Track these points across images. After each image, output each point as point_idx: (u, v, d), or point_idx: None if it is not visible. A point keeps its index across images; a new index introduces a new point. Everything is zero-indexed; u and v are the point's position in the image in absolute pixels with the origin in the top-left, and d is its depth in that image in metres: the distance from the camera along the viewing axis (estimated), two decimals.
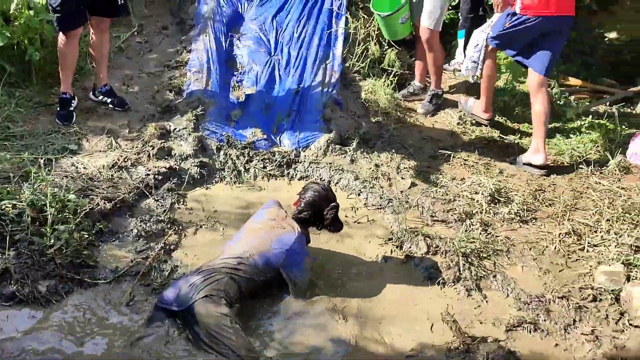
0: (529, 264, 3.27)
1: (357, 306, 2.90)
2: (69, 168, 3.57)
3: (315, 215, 3.02)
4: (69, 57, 3.91)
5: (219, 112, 4.26)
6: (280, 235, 2.86)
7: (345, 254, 3.27)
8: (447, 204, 3.74)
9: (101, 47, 4.11)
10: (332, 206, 3.03)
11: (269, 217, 2.98)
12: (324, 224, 3.06)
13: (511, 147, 4.49)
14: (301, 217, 3.00)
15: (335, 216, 3.04)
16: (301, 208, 3.01)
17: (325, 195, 3.04)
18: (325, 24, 4.99)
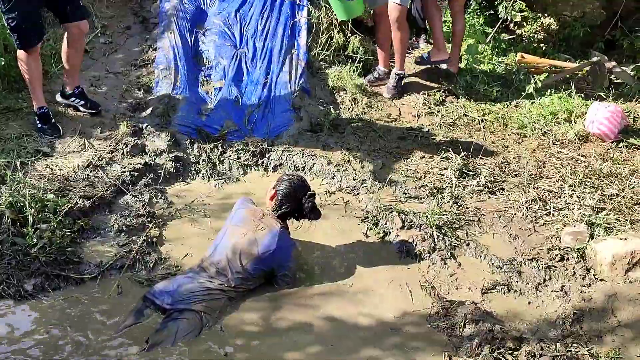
0: (499, 231, 3.43)
1: (339, 284, 3.02)
2: (44, 170, 3.58)
3: (294, 206, 3.03)
4: (35, 70, 3.81)
5: (189, 107, 4.31)
6: (262, 238, 2.87)
7: (324, 236, 3.37)
8: (418, 181, 3.88)
9: (77, 55, 3.98)
10: (309, 195, 3.04)
11: (246, 220, 2.95)
12: (303, 213, 3.07)
13: (476, 123, 4.66)
14: (281, 211, 3.00)
15: (313, 205, 3.05)
16: (279, 202, 3.01)
17: (300, 185, 3.06)
18: (288, 15, 5.07)
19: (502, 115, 4.75)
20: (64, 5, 3.72)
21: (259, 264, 2.83)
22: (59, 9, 3.78)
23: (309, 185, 3.13)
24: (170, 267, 3.05)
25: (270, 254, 2.83)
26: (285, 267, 2.90)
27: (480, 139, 4.46)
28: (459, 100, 4.96)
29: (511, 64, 5.60)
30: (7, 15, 3.52)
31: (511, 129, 4.61)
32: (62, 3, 3.71)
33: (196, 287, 2.73)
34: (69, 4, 3.74)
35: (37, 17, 3.70)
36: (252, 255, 2.82)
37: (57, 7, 3.77)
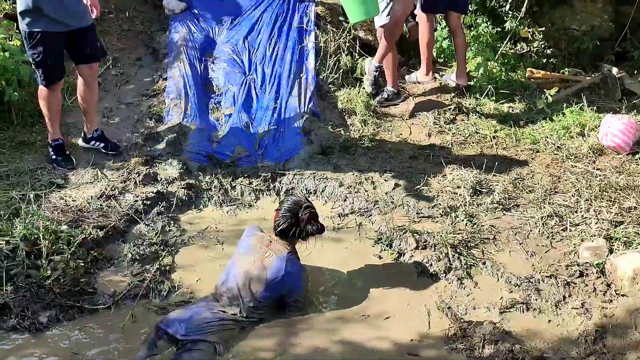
0: (516, 249, 3.38)
1: (354, 307, 2.97)
2: (58, 202, 3.60)
3: (292, 222, 2.93)
4: (55, 106, 3.87)
5: (200, 135, 4.34)
6: (271, 264, 2.83)
7: (337, 259, 3.34)
8: (431, 200, 3.85)
9: (92, 94, 4.01)
10: (304, 206, 2.95)
11: (254, 248, 2.92)
12: (304, 229, 2.94)
13: (488, 140, 4.62)
14: (281, 228, 2.93)
15: (310, 216, 2.94)
16: (278, 219, 2.96)
17: (297, 200, 3.00)
18: (296, 40, 5.12)
19: (514, 132, 4.72)
20: (84, 47, 3.79)
21: (269, 290, 2.80)
22: (78, 50, 3.82)
23: (308, 201, 3.06)
24: (184, 294, 3.04)
25: (279, 280, 2.80)
26: (295, 293, 2.87)
27: (493, 155, 4.42)
28: (469, 118, 4.94)
29: (521, 79, 5.58)
30: (32, 50, 3.60)
31: (524, 144, 4.57)
32: (82, 45, 3.77)
33: (210, 317, 2.70)
34: (89, 47, 3.81)
35: (60, 55, 3.76)
36: (262, 282, 2.79)
37: (77, 48, 3.80)
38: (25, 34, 3.58)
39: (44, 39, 3.57)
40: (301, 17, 5.28)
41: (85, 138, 4.17)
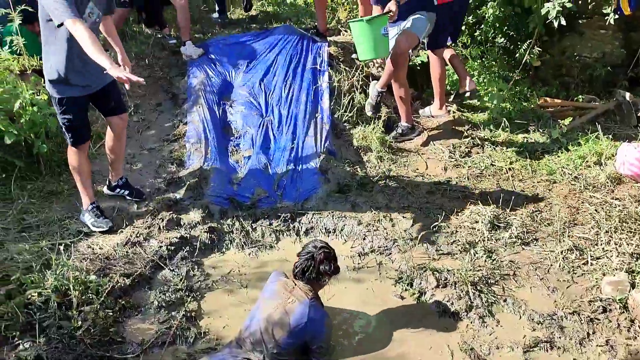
0: (537, 284, 3.39)
1: (377, 350, 3.00)
2: (85, 250, 3.71)
3: (309, 264, 2.99)
4: (85, 169, 3.91)
5: (221, 178, 4.45)
6: (294, 310, 2.85)
7: (359, 301, 3.38)
8: (450, 236, 3.88)
9: (120, 145, 4.10)
10: (319, 247, 3.01)
11: (278, 293, 2.95)
12: (318, 268, 2.97)
13: (503, 172, 4.66)
14: (298, 270, 3.00)
15: (324, 256, 2.98)
16: (297, 263, 3.03)
17: (314, 244, 3.07)
18: (310, 80, 5.25)
19: (529, 163, 4.75)
20: (108, 101, 3.90)
21: (292, 337, 2.83)
22: (104, 105, 3.93)
23: (325, 244, 3.08)
24: (211, 341, 3.10)
25: (303, 326, 2.82)
26: (318, 339, 2.89)
27: (510, 188, 4.46)
28: (484, 150, 4.99)
29: (534, 109, 5.63)
30: (63, 115, 3.70)
31: (540, 175, 4.60)
32: (106, 100, 3.88)
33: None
34: (113, 100, 3.93)
35: (86, 115, 3.87)
36: (285, 329, 2.83)
37: (101, 103, 3.91)
38: (55, 101, 3.68)
39: (74, 104, 3.69)
40: (315, 58, 5.43)
41: (110, 186, 4.28)
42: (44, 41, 3.56)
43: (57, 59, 3.55)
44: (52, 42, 3.52)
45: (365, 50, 4.42)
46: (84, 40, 3.21)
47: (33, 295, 3.12)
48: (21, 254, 3.59)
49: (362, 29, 4.32)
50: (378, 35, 4.31)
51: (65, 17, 3.21)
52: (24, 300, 3.09)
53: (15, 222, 3.97)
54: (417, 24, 4.52)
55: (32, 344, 2.90)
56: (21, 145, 4.37)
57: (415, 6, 4.55)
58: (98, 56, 3.20)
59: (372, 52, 4.41)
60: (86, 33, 3.21)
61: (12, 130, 4.17)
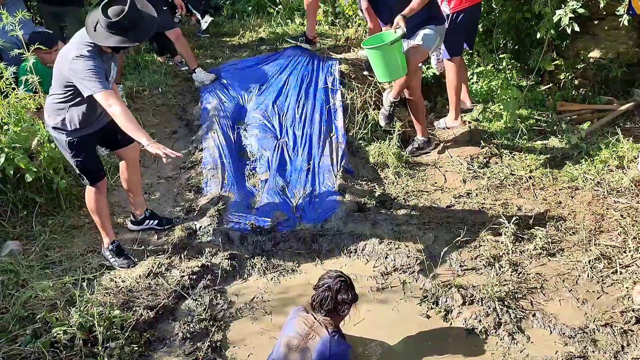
0: (566, 296, 3.31)
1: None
2: (108, 284, 3.73)
3: (326, 295, 2.90)
4: (104, 209, 3.86)
5: (239, 203, 4.45)
6: (315, 346, 2.77)
7: (385, 322, 3.33)
8: (473, 250, 3.83)
9: (136, 176, 4.06)
10: (335, 277, 2.93)
11: (298, 330, 2.87)
12: (336, 298, 2.88)
13: (524, 181, 4.59)
14: (315, 302, 2.92)
15: (341, 285, 2.90)
16: (313, 296, 2.96)
17: (330, 274, 2.99)
18: (323, 100, 5.25)
19: (550, 170, 4.68)
20: (116, 134, 3.84)
21: None
22: (112, 140, 3.90)
23: (340, 273, 3.01)
24: None
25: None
26: None
27: (531, 197, 4.39)
28: (503, 160, 4.93)
29: (551, 114, 5.56)
30: (75, 158, 3.69)
31: (562, 183, 4.52)
32: (113, 133, 3.82)
33: None
34: (120, 132, 3.80)
35: (96, 152, 3.87)
36: None
37: (110, 139, 3.88)
38: (65, 145, 3.64)
39: (83, 145, 3.66)
40: (326, 77, 5.43)
41: (136, 221, 4.26)
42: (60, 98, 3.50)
43: (76, 113, 3.54)
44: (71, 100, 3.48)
45: (385, 72, 4.41)
46: (120, 117, 3.25)
47: (59, 334, 3.13)
48: (45, 291, 3.61)
49: (381, 53, 4.27)
50: (396, 56, 4.29)
51: (95, 89, 3.25)
52: (50, 339, 3.10)
53: (38, 259, 4.00)
54: (426, 39, 4.50)
55: None
56: (41, 181, 4.41)
57: (424, 21, 4.53)
58: (135, 133, 3.26)
59: (394, 73, 4.41)
60: (120, 108, 3.25)
61: (32, 168, 4.22)
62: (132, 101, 5.73)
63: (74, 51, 3.33)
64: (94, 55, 3.32)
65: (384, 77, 4.46)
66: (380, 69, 4.40)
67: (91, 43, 3.34)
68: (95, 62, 3.30)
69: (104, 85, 3.29)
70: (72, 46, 3.39)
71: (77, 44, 3.36)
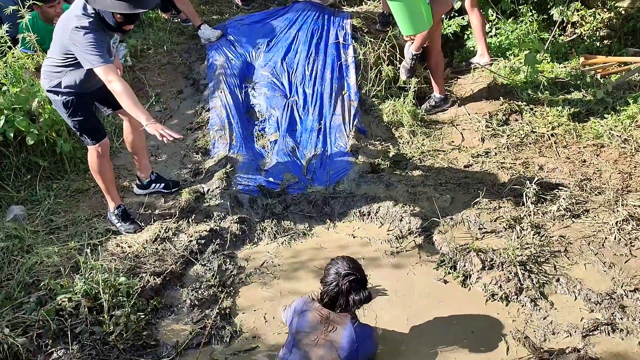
0: (591, 260, 3.15)
1: (425, 340, 2.83)
2: (114, 249, 3.62)
3: (336, 293, 2.61)
4: (108, 172, 3.72)
5: (248, 165, 4.29)
6: (338, 339, 2.55)
7: (400, 287, 3.20)
8: (492, 212, 3.65)
9: (140, 136, 3.92)
10: (343, 275, 2.58)
11: (312, 322, 2.63)
12: (347, 299, 2.59)
13: (545, 139, 4.36)
14: (325, 302, 2.64)
15: (351, 285, 2.58)
16: (321, 293, 2.67)
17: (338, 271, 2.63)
18: (334, 56, 5.01)
19: (573, 127, 4.44)
20: None
21: None
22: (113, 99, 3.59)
23: (352, 268, 2.63)
24: (247, 339, 2.97)
25: (355, 352, 2.54)
26: (371, 357, 2.66)
27: (554, 156, 4.18)
28: (523, 117, 4.69)
29: (575, 68, 5.27)
30: (72, 118, 3.53)
31: (586, 140, 4.29)
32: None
33: None
34: None
35: (94, 112, 3.71)
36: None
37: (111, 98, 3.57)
38: (60, 104, 3.49)
39: (81, 103, 3.50)
40: (337, 32, 5.17)
41: (142, 185, 4.12)
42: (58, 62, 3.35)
43: (74, 78, 3.40)
44: (70, 66, 3.33)
45: (409, 25, 4.20)
46: (120, 95, 3.14)
47: (64, 301, 3.04)
48: (50, 257, 3.52)
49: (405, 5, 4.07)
50: (421, 7, 4.09)
51: (95, 63, 3.12)
52: (54, 306, 3.01)
53: (43, 224, 3.90)
54: None
55: (65, 351, 2.84)
56: (43, 144, 4.28)
57: None
58: (134, 110, 3.15)
59: (418, 26, 4.20)
60: (120, 85, 3.13)
61: (33, 130, 4.08)
62: (137, 60, 5.53)
63: (75, 21, 3.14)
64: (95, 27, 3.14)
65: (408, 30, 4.24)
66: (404, 21, 4.18)
67: (92, 14, 3.15)
68: (95, 35, 3.12)
69: (105, 59, 3.14)
70: (72, 14, 3.19)
71: (79, 15, 3.16)
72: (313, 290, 3.10)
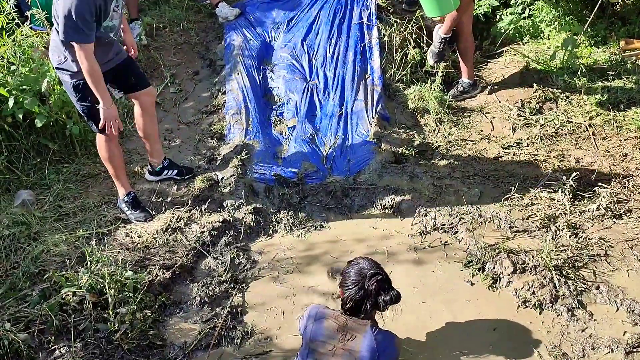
0: (635, 266, 2.89)
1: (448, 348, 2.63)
2: (123, 239, 3.46)
3: (360, 297, 2.40)
4: (117, 158, 3.58)
5: (264, 152, 4.08)
6: (358, 348, 2.36)
7: (423, 287, 2.99)
8: (524, 209, 3.40)
9: (152, 122, 3.74)
10: (368, 276, 2.39)
11: (328, 330, 2.43)
12: (376, 302, 2.40)
13: (583, 130, 4.07)
14: (349, 307, 2.41)
15: (379, 285, 2.39)
16: (343, 298, 2.44)
17: (362, 271, 2.43)
18: (358, 37, 4.74)
19: (613, 117, 4.14)
20: (128, 77, 3.56)
21: None
22: (124, 82, 3.59)
23: (373, 266, 2.46)
24: (259, 341, 2.80)
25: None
26: None
27: (592, 148, 3.89)
28: (558, 105, 4.39)
29: (615, 53, 4.92)
30: (81, 102, 3.37)
31: (627, 132, 3.99)
32: (125, 76, 3.54)
33: None
34: (133, 75, 3.58)
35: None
36: None
37: (122, 80, 3.57)
38: (71, 86, 3.32)
39: (88, 89, 3.28)
40: (361, 12, 4.88)
41: (154, 171, 3.94)
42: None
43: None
44: None
45: (434, 7, 3.95)
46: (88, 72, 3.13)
47: (68, 295, 2.89)
48: (58, 246, 3.38)
49: None
50: None
51: (75, 40, 3.06)
52: (58, 300, 2.86)
53: (52, 210, 3.76)
54: None
55: (68, 349, 2.70)
56: (53, 126, 4.12)
57: None
58: (97, 91, 3.19)
59: (444, 7, 3.95)
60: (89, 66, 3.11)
61: (43, 112, 3.91)
62: (152, 39, 5.33)
63: None
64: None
65: (432, 11, 3.99)
66: (429, 2, 3.93)
67: None
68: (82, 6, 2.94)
69: (83, 39, 3.04)
70: None
71: None
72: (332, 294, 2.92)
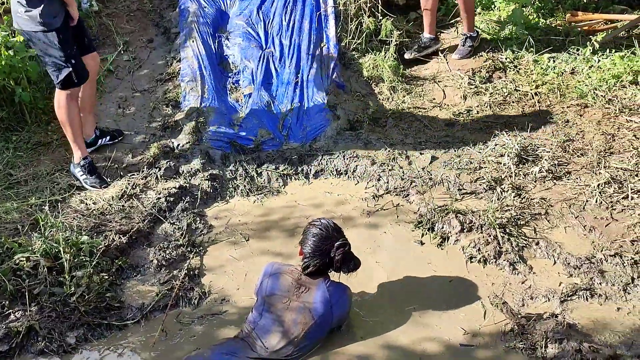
0: (572, 223, 3.07)
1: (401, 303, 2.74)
2: (78, 206, 3.44)
3: (323, 262, 2.52)
4: (76, 118, 3.53)
5: (220, 119, 4.08)
6: (312, 300, 2.46)
7: (375, 247, 3.10)
8: (473, 173, 3.55)
9: (92, 92, 3.78)
10: (336, 247, 2.50)
11: (283, 284, 2.53)
12: (340, 270, 2.54)
13: (529, 98, 4.24)
14: (310, 271, 2.52)
15: (344, 256, 2.51)
16: (305, 262, 2.53)
17: (326, 236, 2.53)
18: (313, 5, 4.75)
19: (557, 86, 4.31)
20: (84, 36, 3.53)
21: (318, 331, 2.46)
22: (81, 41, 3.54)
23: (338, 233, 2.58)
24: (216, 301, 2.85)
25: (329, 314, 2.46)
26: (345, 318, 2.56)
27: (536, 115, 4.06)
28: (507, 74, 4.54)
29: (561, 24, 5.10)
30: (61, 52, 3.29)
31: (570, 99, 4.17)
32: (82, 34, 3.51)
33: None
34: (86, 36, 3.56)
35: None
36: (307, 324, 2.44)
37: (80, 39, 3.52)
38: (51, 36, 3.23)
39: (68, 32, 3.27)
40: None
41: (88, 143, 3.84)
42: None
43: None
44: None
45: None
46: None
47: (22, 261, 2.87)
48: (9, 214, 3.33)
49: None
50: None
51: None
52: (11, 266, 2.84)
53: (2, 178, 3.69)
54: None
55: (23, 313, 2.69)
56: (1, 93, 4.01)
57: None
58: None
59: None
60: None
61: None
62: (103, 5, 5.20)
63: None
64: None
65: None
66: None
67: None
68: None
69: None
70: None
71: None
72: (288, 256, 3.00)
